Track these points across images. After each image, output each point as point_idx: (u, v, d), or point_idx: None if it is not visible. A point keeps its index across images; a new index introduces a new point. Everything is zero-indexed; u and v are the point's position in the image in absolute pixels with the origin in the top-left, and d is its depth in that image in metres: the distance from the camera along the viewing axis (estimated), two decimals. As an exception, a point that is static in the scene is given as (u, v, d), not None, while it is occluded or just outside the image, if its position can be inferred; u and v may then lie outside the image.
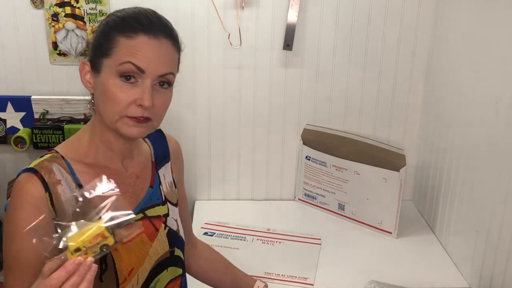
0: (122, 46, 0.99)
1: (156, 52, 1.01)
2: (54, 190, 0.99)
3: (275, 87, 1.91)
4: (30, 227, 0.90)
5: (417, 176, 1.99)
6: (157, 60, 1.00)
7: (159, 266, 1.13)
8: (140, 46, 0.99)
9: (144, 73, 0.99)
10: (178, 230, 1.19)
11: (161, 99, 1.04)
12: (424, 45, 1.87)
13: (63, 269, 0.83)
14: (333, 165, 1.86)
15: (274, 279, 1.54)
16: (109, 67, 0.99)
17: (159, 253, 1.13)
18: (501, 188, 1.34)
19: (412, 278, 1.55)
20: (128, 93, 0.99)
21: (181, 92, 1.89)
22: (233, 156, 1.98)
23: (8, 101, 1.83)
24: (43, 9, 1.77)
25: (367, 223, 1.83)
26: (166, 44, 1.03)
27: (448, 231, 1.69)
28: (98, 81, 1.02)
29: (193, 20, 1.82)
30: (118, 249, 1.05)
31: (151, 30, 1.00)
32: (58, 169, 1.01)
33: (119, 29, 1.00)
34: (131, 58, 0.98)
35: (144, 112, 1.00)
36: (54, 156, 1.04)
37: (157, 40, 1.01)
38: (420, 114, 1.95)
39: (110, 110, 1.00)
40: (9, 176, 1.86)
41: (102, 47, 1.01)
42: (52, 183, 0.99)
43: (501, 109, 1.35)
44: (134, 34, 0.99)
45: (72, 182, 1.02)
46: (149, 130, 1.04)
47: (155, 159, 1.19)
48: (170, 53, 1.05)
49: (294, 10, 1.79)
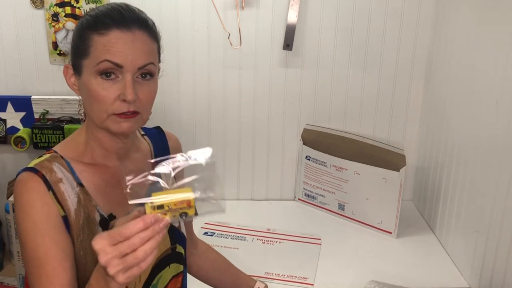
0: (97, 45, 0.98)
1: (131, 45, 0.99)
2: (57, 189, 0.99)
3: (275, 87, 1.91)
4: (133, 181, 0.87)
5: (417, 176, 1.99)
6: (133, 53, 0.99)
7: (161, 263, 1.13)
8: (114, 41, 0.98)
9: (123, 68, 0.98)
10: (180, 227, 1.20)
11: (145, 91, 1.02)
12: (424, 45, 1.87)
13: (142, 221, 0.82)
14: (333, 165, 1.86)
15: (274, 279, 1.54)
16: (89, 68, 0.99)
17: (161, 250, 1.13)
18: (501, 188, 1.34)
19: (412, 278, 1.55)
20: (110, 90, 0.98)
21: (181, 92, 1.90)
22: (233, 156, 1.98)
23: (8, 101, 1.83)
24: (43, 9, 1.77)
25: (367, 223, 1.83)
26: (141, 35, 1.01)
27: (448, 231, 1.69)
28: (81, 83, 1.02)
29: (193, 20, 1.82)
30: None
31: (123, 24, 0.99)
32: (58, 168, 1.02)
33: (92, 28, 1.00)
34: (106, 56, 0.97)
35: (130, 107, 1.00)
36: (53, 155, 1.04)
37: (130, 33, 0.99)
38: (420, 114, 1.95)
39: (97, 110, 1.00)
40: (9, 176, 1.86)
41: (79, 49, 1.01)
42: (53, 181, 1.00)
43: (501, 109, 1.35)
44: (107, 30, 0.98)
45: (73, 180, 1.02)
46: (138, 124, 1.04)
47: (155, 156, 1.19)
48: (146, 43, 1.02)
49: (294, 10, 1.79)
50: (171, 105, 1.90)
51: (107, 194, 1.07)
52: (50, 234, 0.97)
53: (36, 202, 0.98)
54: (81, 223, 1.01)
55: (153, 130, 1.24)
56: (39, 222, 0.97)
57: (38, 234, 0.96)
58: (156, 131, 1.24)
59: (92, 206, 1.03)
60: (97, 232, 1.03)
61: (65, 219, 1.00)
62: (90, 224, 1.03)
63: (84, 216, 1.02)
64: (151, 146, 1.20)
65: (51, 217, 0.98)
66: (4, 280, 1.74)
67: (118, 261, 0.81)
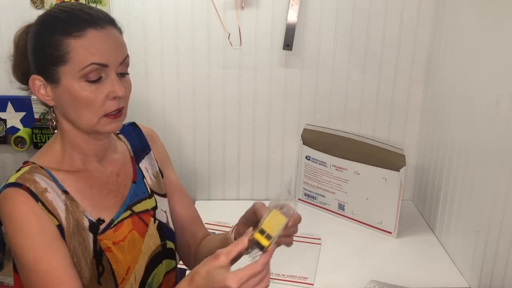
0: (76, 49, 0.96)
1: (109, 41, 0.99)
2: (44, 199, 0.98)
3: (275, 87, 1.91)
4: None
5: (417, 176, 1.99)
6: (113, 49, 0.99)
7: (153, 261, 1.13)
8: (93, 42, 0.96)
9: (108, 66, 0.98)
10: (168, 222, 1.19)
11: (126, 85, 1.03)
12: (424, 45, 1.87)
13: (252, 270, 0.86)
14: (333, 165, 1.86)
15: (274, 279, 1.54)
16: (70, 73, 0.97)
17: (151, 248, 1.13)
18: (501, 188, 1.34)
19: (412, 278, 1.55)
20: (98, 91, 0.98)
21: (181, 92, 1.90)
22: (233, 156, 1.98)
23: (8, 101, 1.83)
24: (43, 9, 1.77)
25: (367, 223, 1.83)
26: (112, 30, 1.01)
27: (448, 231, 1.69)
28: (59, 91, 0.99)
29: (193, 20, 1.82)
30: (113, 249, 1.05)
31: (96, 22, 0.98)
32: (41, 178, 1.00)
33: (63, 32, 0.97)
34: (91, 59, 0.96)
35: (119, 103, 1.00)
36: (32, 167, 1.02)
37: (104, 30, 0.98)
38: (420, 114, 1.95)
39: (86, 114, 0.99)
40: (9, 176, 1.86)
41: (53, 56, 0.97)
42: (39, 192, 0.98)
43: (501, 109, 1.35)
44: (82, 31, 0.96)
45: (57, 189, 1.01)
46: (123, 120, 1.04)
47: (133, 153, 1.18)
48: (119, 37, 1.02)
49: (294, 10, 1.79)
50: (171, 105, 1.90)
51: (92, 198, 1.06)
52: (49, 245, 0.95)
53: (29, 216, 0.95)
54: (72, 230, 1.00)
55: (128, 127, 1.22)
56: (36, 235, 0.95)
57: (37, 247, 0.94)
58: (131, 127, 1.23)
59: (80, 212, 1.02)
60: (87, 238, 1.02)
61: (59, 228, 0.98)
62: (80, 230, 1.02)
63: (74, 222, 1.01)
64: (127, 144, 1.18)
65: (47, 228, 0.96)
66: (4, 280, 1.74)
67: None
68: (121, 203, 1.10)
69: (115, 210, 1.09)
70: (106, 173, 1.10)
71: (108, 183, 1.09)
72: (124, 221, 1.09)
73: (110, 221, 1.07)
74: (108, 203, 1.08)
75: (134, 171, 1.15)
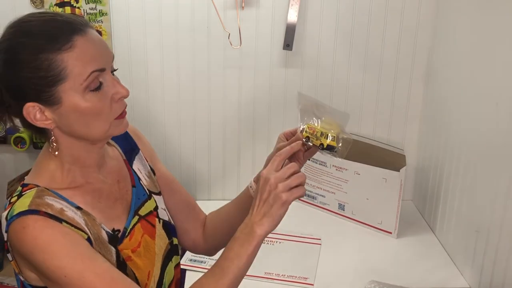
0: (72, 62, 0.91)
1: (97, 44, 0.95)
2: (66, 217, 0.94)
3: (275, 87, 1.91)
4: None
5: (417, 176, 1.99)
6: (104, 51, 0.97)
7: (166, 260, 1.15)
8: (85, 49, 0.92)
9: (105, 70, 0.95)
10: (169, 219, 1.20)
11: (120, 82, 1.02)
12: (424, 45, 1.87)
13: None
14: (333, 165, 1.86)
15: (274, 279, 1.54)
16: (72, 89, 0.92)
17: (162, 247, 1.14)
18: (501, 188, 1.34)
19: (412, 278, 1.55)
20: (103, 97, 0.95)
21: (181, 92, 1.90)
22: (233, 156, 1.98)
23: (8, 101, 1.83)
24: (43, 9, 1.77)
25: (367, 223, 1.83)
26: (93, 32, 0.97)
27: (448, 231, 1.69)
28: (62, 110, 0.93)
29: (193, 20, 1.82)
30: (133, 258, 1.05)
31: (78, 28, 0.93)
32: (52, 200, 0.95)
33: (51, 49, 0.90)
34: (90, 67, 0.92)
35: (125, 103, 1.00)
36: (39, 190, 0.96)
37: (87, 34, 0.94)
38: (420, 114, 1.95)
39: (98, 124, 0.96)
40: (9, 176, 1.85)
41: (47, 78, 0.90)
42: (58, 212, 0.93)
43: (501, 110, 1.35)
44: (70, 42, 0.91)
45: (71, 206, 0.97)
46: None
47: (125, 155, 1.16)
48: (100, 38, 0.99)
49: (294, 10, 1.79)
50: (171, 105, 1.90)
51: (104, 210, 1.04)
52: (87, 256, 0.91)
53: (57, 237, 0.90)
54: (95, 244, 0.98)
55: None
56: (71, 250, 0.90)
57: (76, 262, 0.90)
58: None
59: (97, 225, 1.00)
60: (109, 251, 1.00)
61: (89, 241, 0.95)
62: (102, 243, 1.00)
63: (94, 237, 0.98)
64: (117, 146, 1.17)
65: (79, 242, 0.92)
66: (4, 280, 1.74)
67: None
68: (127, 209, 1.10)
69: (124, 218, 1.08)
70: (107, 182, 1.08)
71: (112, 192, 1.08)
72: (135, 227, 1.09)
73: (123, 230, 1.06)
74: (117, 212, 1.07)
75: (130, 175, 1.15)
